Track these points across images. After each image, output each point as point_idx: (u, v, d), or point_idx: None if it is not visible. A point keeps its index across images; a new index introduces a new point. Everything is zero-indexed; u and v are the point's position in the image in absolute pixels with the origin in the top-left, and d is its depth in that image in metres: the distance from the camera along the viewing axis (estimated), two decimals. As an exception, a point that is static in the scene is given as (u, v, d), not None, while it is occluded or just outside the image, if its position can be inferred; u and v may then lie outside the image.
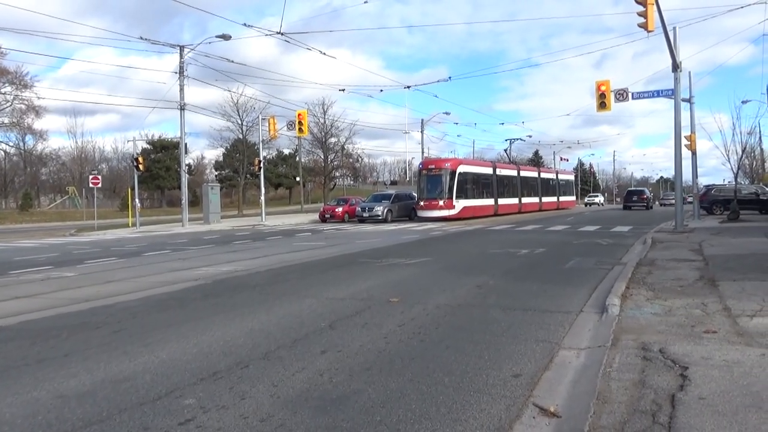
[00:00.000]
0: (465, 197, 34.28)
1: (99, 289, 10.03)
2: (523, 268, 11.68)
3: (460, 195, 33.63)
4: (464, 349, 5.51)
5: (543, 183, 49.29)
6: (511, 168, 44.84)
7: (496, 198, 39.14)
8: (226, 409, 4.05)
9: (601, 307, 7.15)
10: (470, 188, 35.49)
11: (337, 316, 7.12)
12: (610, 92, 21.87)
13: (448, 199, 32.80)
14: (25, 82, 55.54)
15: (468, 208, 34.22)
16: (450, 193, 32.94)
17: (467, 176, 35.08)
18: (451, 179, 33.16)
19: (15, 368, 5.26)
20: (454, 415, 3.86)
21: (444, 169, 33.77)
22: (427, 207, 33.25)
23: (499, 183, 39.87)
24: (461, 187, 33.86)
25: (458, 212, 33.09)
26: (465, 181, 34.64)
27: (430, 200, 33.26)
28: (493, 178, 39.12)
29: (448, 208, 32.65)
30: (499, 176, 40.27)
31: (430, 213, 32.87)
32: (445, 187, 33.02)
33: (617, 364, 4.72)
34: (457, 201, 33.17)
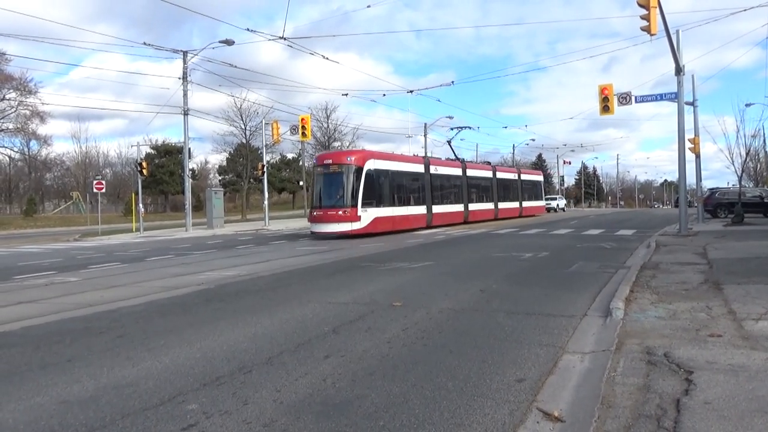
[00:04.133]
0: (377, 204, 24.89)
1: (102, 294, 10.04)
2: (526, 272, 11.65)
3: (369, 201, 24.38)
4: (468, 353, 5.49)
5: (500, 185, 40.18)
6: (453, 165, 34.50)
7: (430, 205, 29.90)
8: (229, 414, 4.04)
9: (605, 311, 7.13)
10: (387, 192, 26.15)
11: (340, 320, 7.11)
12: (613, 96, 21.84)
13: (350, 208, 23.61)
14: (29, 88, 55.74)
15: (381, 220, 25.02)
16: (354, 199, 23.77)
17: (382, 176, 25.82)
18: (356, 180, 24.04)
19: (18, 374, 5.26)
20: (458, 420, 3.85)
21: (345, 166, 24.40)
22: (322, 218, 23.97)
23: (434, 185, 30.72)
24: (371, 191, 24.67)
25: (366, 225, 24.03)
26: (378, 183, 25.41)
27: (326, 209, 24.01)
28: (425, 179, 29.96)
29: (350, 220, 23.52)
30: (435, 176, 31.04)
31: (326, 227, 23.83)
32: (346, 190, 24.02)
33: (622, 369, 4.70)
34: (364, 210, 23.93)
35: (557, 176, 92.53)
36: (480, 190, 37.32)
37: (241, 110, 61.72)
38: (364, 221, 23.96)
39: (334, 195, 24.47)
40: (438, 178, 31.57)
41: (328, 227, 23.77)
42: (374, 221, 24.53)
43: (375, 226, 24.50)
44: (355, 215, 23.68)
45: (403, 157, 30.40)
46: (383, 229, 25.02)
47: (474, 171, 36.82)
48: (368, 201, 24.33)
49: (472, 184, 35.71)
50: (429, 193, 30.02)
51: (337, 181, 24.45)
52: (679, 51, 20.45)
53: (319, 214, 24.25)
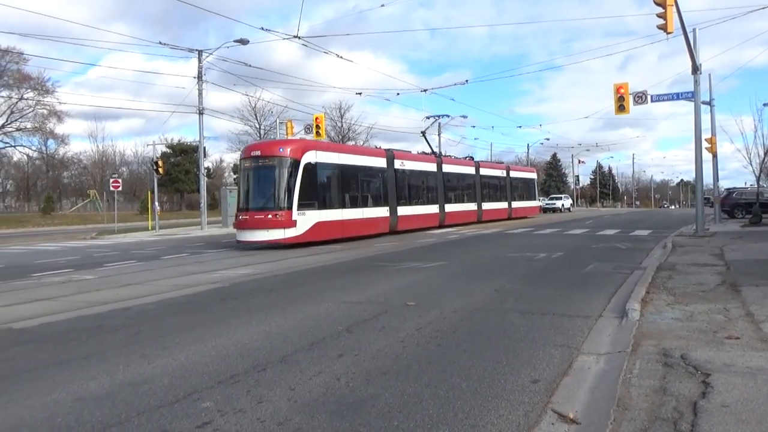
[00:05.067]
0: (320, 206, 20.44)
1: (118, 292, 10.12)
2: (540, 272, 11.58)
3: (309, 202, 19.88)
4: (482, 353, 5.47)
5: (485, 183, 35.68)
6: (426, 160, 29.36)
7: (395, 205, 25.23)
8: (244, 412, 4.06)
9: (621, 311, 7.06)
10: (335, 191, 21.73)
11: (353, 319, 7.11)
12: (628, 95, 21.65)
13: (283, 210, 19.14)
14: (46, 88, 56.41)
15: (326, 225, 20.51)
16: (287, 200, 19.31)
17: (327, 171, 21.33)
18: (290, 175, 19.53)
19: (35, 370, 5.32)
20: (472, 421, 3.83)
21: (278, 159, 19.80)
22: (249, 224, 19.49)
23: (400, 183, 26.05)
24: (312, 190, 20.17)
25: (304, 232, 19.55)
26: (322, 180, 21.00)
27: (253, 212, 19.59)
28: (389, 176, 25.13)
29: (282, 226, 19.03)
30: (402, 172, 26.31)
31: (253, 234, 19.31)
32: (278, 189, 19.57)
33: (638, 370, 4.65)
34: (301, 213, 19.38)
35: (572, 176, 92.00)
36: (460, 190, 32.80)
37: (255, 109, 62.05)
38: (302, 227, 19.39)
39: (264, 195, 19.98)
40: (406, 175, 26.76)
41: (255, 235, 19.23)
42: (316, 227, 19.94)
43: (317, 232, 20.00)
44: (289, 220, 19.08)
45: (357, 148, 26.44)
46: (329, 236, 20.58)
47: (453, 167, 31.93)
48: (307, 202, 19.70)
49: (450, 182, 31.17)
50: (394, 193, 25.30)
51: (267, 178, 19.97)
52: (696, 49, 20.23)
53: (244, 219, 19.66)
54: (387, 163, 25.12)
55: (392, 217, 24.95)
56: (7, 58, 51.17)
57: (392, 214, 24.98)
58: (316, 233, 19.97)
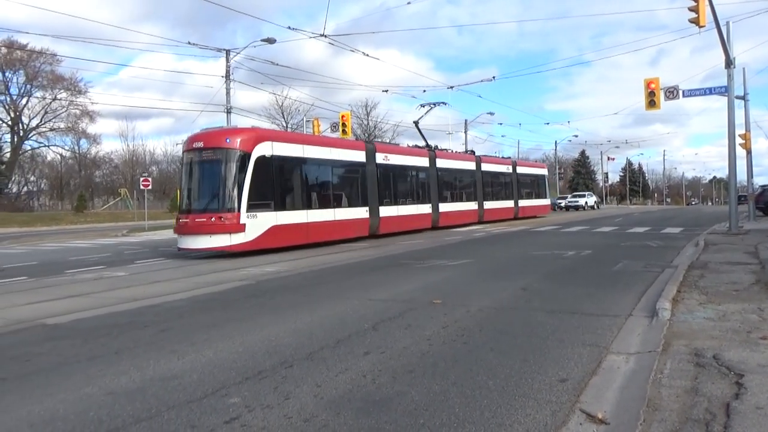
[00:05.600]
0: (278, 206, 17.23)
1: (147, 289, 10.30)
2: (568, 270, 11.45)
3: (263, 203, 16.72)
4: (508, 352, 5.43)
5: (487, 180, 32.46)
6: (416, 153, 26.04)
7: (376, 206, 22.04)
8: (271, 408, 4.09)
9: (651, 311, 6.95)
10: (298, 190, 18.49)
11: (379, 317, 7.12)
12: (659, 90, 21.24)
13: (228, 212, 15.94)
14: (79, 88, 57.64)
15: (285, 230, 17.31)
16: (234, 200, 16.07)
17: (287, 165, 18.00)
18: (239, 170, 16.25)
19: (68, 365, 5.44)
20: (499, 420, 3.80)
21: (224, 151, 16.41)
22: (189, 229, 16.20)
23: (384, 180, 22.87)
24: (266, 187, 16.90)
25: (255, 238, 16.33)
26: (279, 176, 17.58)
27: (195, 215, 16.40)
28: (370, 172, 21.94)
29: (228, 231, 15.81)
30: (386, 167, 22.99)
31: (194, 241, 16.08)
32: (224, 186, 16.25)
33: (668, 371, 4.57)
34: (252, 215, 16.19)
35: (601, 173, 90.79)
36: (458, 187, 29.71)
37: (282, 108, 62.55)
38: (252, 231, 16.18)
39: (207, 194, 16.87)
40: (390, 171, 23.38)
41: (196, 241, 16.01)
42: (272, 232, 16.76)
43: (273, 238, 16.83)
44: (236, 224, 15.88)
45: (328, 140, 22.39)
46: (290, 241, 17.44)
47: (448, 162, 28.64)
48: (260, 202, 16.53)
49: (445, 179, 28.01)
50: (375, 191, 22.11)
51: (210, 174, 16.79)
52: (730, 43, 19.79)
53: (184, 223, 16.38)
54: (367, 157, 21.86)
55: (373, 218, 21.80)
56: (41, 60, 52.40)
57: (373, 216, 21.81)
58: (272, 238, 16.82)
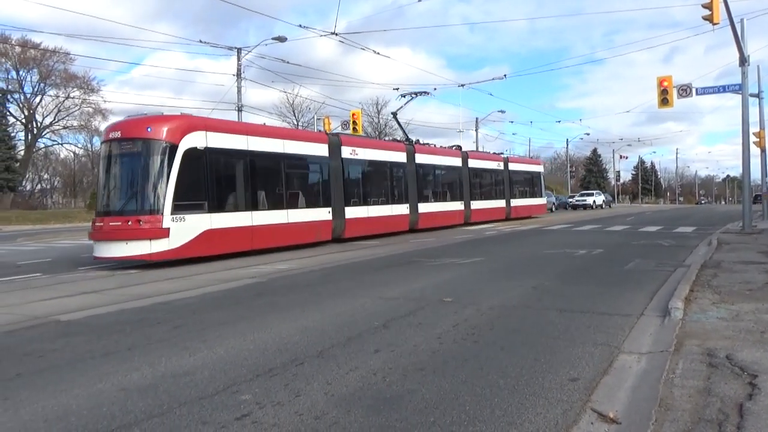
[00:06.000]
0: (212, 207, 14.62)
1: (158, 286, 10.37)
2: (580, 269, 11.40)
3: (194, 203, 14.25)
4: (519, 351, 5.42)
5: (475, 177, 29.73)
6: (390, 147, 23.61)
7: (341, 206, 19.56)
8: (282, 405, 4.11)
9: (664, 310, 6.90)
10: (242, 188, 15.79)
11: (390, 315, 7.12)
12: (672, 88, 21.08)
13: (150, 214, 13.51)
14: (92, 87, 58.04)
15: (220, 234, 14.73)
16: (158, 200, 13.61)
17: (226, 160, 15.36)
18: (163, 165, 13.75)
19: (81, 361, 5.49)
20: (509, 419, 3.80)
21: (145, 142, 13.88)
22: (104, 234, 13.71)
23: (349, 177, 20.35)
24: (199, 185, 14.44)
25: (183, 245, 13.86)
26: (217, 171, 15.01)
27: (110, 217, 13.90)
28: (331, 168, 19.30)
29: (150, 236, 13.40)
30: (354, 162, 20.57)
31: (110, 249, 13.56)
32: (145, 184, 13.83)
33: (680, 371, 4.54)
34: (178, 217, 13.73)
35: (613, 171, 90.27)
36: (441, 185, 27.04)
37: (293, 106, 62.61)
38: (180, 237, 13.56)
39: (124, 193, 14.27)
40: (359, 166, 20.97)
41: (110, 249, 13.47)
42: (204, 237, 14.12)
43: (206, 244, 14.22)
44: (158, 228, 13.36)
45: (281, 131, 19.46)
46: (230, 247, 14.92)
47: (430, 157, 25.85)
48: (190, 202, 13.93)
49: (426, 176, 25.48)
50: (340, 189, 19.54)
51: (129, 169, 14.22)
52: (744, 40, 19.60)
53: (99, 227, 13.80)
54: (330, 151, 19.25)
55: (337, 220, 19.27)
56: (55, 59, 52.80)
57: (337, 217, 19.27)
58: (205, 245, 14.17)
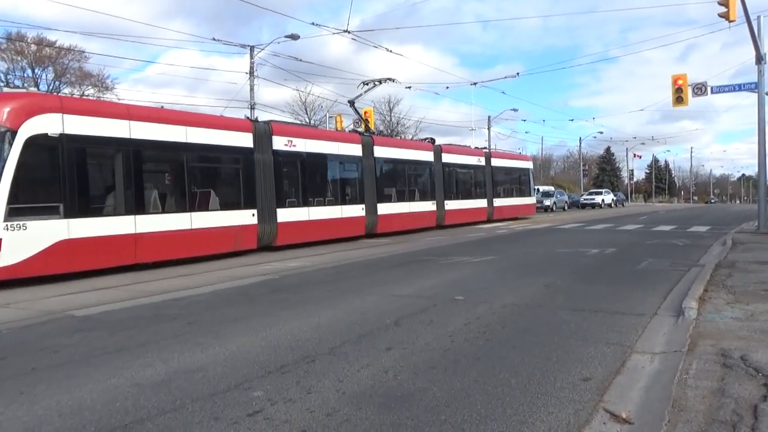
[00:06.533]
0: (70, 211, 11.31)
1: (171, 283, 10.43)
2: (592, 268, 11.34)
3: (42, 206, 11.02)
4: (531, 350, 5.40)
5: (449, 174, 25.83)
6: (340, 139, 19.80)
7: (272, 207, 16.26)
8: (293, 402, 4.13)
9: (677, 310, 6.85)
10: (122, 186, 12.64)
11: (401, 313, 7.12)
12: (687, 86, 20.89)
13: None
14: (106, 85, 58.42)
15: (84, 246, 11.41)
16: None
17: (92, 150, 12.19)
18: None
19: (96, 356, 5.54)
20: (521, 418, 3.79)
21: None
22: None
23: (284, 173, 16.99)
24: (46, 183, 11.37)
25: (26, 260, 10.48)
26: (73, 166, 11.51)
27: None
28: (258, 163, 15.92)
29: None
30: (288, 156, 17.02)
31: None
32: None
33: (694, 371, 4.51)
34: (17, 225, 10.42)
35: (626, 170, 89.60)
36: (407, 183, 22.85)
37: (305, 104, 62.69)
38: (17, 251, 10.44)
39: None
40: (298, 161, 17.34)
41: None
42: (57, 251, 10.96)
43: (60, 259, 11.05)
44: None
45: (181, 116, 14.54)
46: (99, 263, 11.74)
47: (392, 151, 22.12)
48: (34, 205, 10.88)
49: (386, 173, 21.93)
50: (270, 188, 16.12)
51: None
52: (761, 38, 19.35)
53: None
54: (257, 143, 15.76)
55: (264, 225, 15.71)
56: (70, 57, 53.24)
57: (265, 221, 15.74)
58: (61, 259, 11.02)
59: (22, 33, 47.48)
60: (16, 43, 47.20)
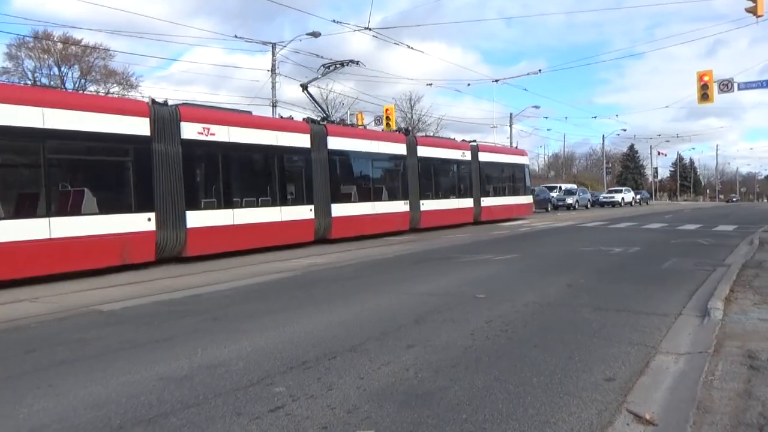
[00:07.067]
0: None
1: (192, 279, 10.56)
2: (616, 267, 11.21)
3: None
4: (553, 349, 5.36)
5: (425, 171, 22.31)
6: (281, 128, 16.37)
7: (180, 207, 13.17)
8: (315, 398, 4.15)
9: (703, 310, 6.75)
10: None
11: (422, 310, 7.12)
12: (713, 83, 20.58)
13: None
14: (131, 82, 59.14)
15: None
16: None
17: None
18: None
19: (122, 350, 5.63)
20: (543, 418, 3.77)
21: None
22: None
23: (201, 165, 14.22)
24: None
25: None
26: None
27: None
28: (156, 154, 12.73)
29: None
30: (199, 147, 13.77)
31: None
32: None
33: (720, 372, 4.44)
34: None
35: (650, 168, 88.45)
36: (372, 181, 19.71)
37: (326, 101, 62.84)
38: None
39: None
40: (219, 153, 14.20)
41: None
42: None
43: None
44: None
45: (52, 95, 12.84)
46: None
47: (352, 142, 18.90)
48: None
49: (345, 168, 18.77)
50: (177, 185, 13.09)
51: None
52: (791, 33, 18.97)
53: None
54: (158, 131, 12.70)
55: (168, 231, 12.80)
56: (95, 55, 53.95)
57: (167, 227, 12.76)
58: None
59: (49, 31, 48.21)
60: (43, 41, 47.97)
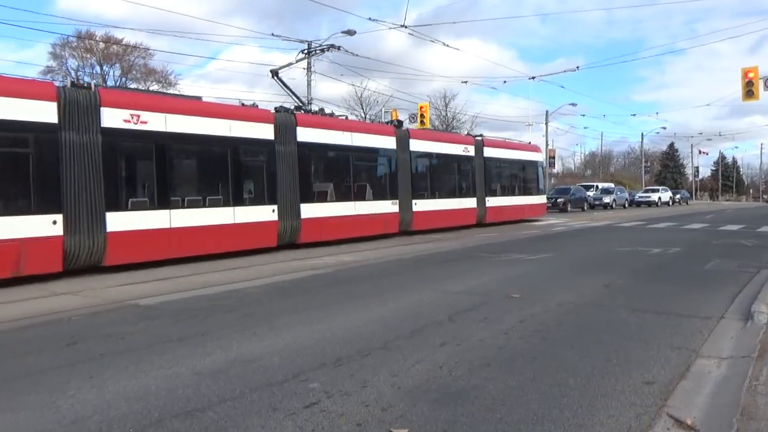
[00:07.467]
0: None
1: (227, 275, 10.67)
2: (654, 268, 10.97)
3: None
4: (589, 350, 5.27)
5: (419, 168, 20.27)
6: (240, 116, 13.93)
7: (98, 209, 10.98)
8: (349, 395, 4.16)
9: (746, 313, 6.56)
10: None
11: (455, 309, 7.08)
12: (758, 79, 19.93)
13: None
14: (169, 81, 60.24)
15: None
16: None
17: None
18: None
19: (159, 344, 5.73)
20: (579, 420, 3.70)
21: None
22: None
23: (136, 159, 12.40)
24: None
25: None
26: None
27: None
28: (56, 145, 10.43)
29: None
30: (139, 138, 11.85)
31: None
32: None
33: (765, 378, 4.31)
34: None
35: (690, 167, 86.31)
36: (353, 178, 17.38)
37: (361, 99, 63.02)
38: None
39: None
40: (133, 143, 11.99)
41: None
42: None
43: None
44: None
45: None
46: None
47: (329, 134, 16.46)
48: None
49: (316, 165, 16.38)
50: (83, 183, 10.87)
51: None
52: (842, 28, 18.27)
53: None
54: (65, 116, 10.64)
55: (81, 238, 10.75)
56: (135, 54, 55.12)
57: (80, 232, 10.73)
58: None
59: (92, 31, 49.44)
60: (86, 41, 49.20)
